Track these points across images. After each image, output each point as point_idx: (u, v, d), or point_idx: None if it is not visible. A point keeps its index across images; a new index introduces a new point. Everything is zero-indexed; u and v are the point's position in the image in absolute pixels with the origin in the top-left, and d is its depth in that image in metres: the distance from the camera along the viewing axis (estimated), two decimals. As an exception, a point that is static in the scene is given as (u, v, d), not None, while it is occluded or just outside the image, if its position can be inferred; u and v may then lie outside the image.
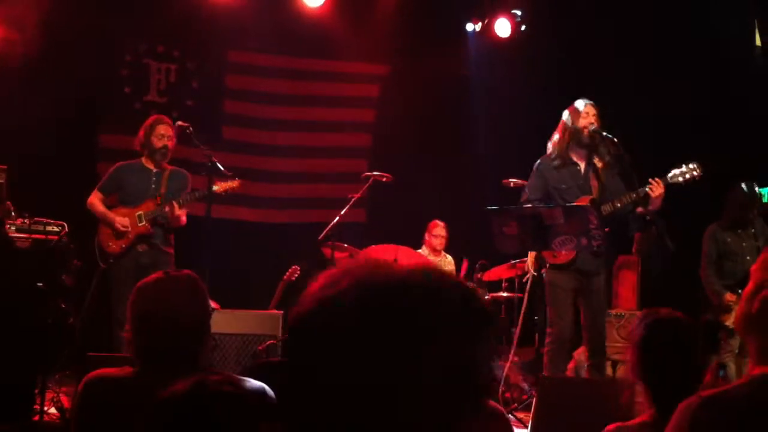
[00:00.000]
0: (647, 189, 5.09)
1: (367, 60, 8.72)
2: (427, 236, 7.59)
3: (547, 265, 5.26)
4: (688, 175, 5.20)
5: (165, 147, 5.83)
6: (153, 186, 5.83)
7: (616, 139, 5.17)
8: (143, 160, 5.91)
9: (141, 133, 5.90)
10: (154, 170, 5.88)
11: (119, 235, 5.73)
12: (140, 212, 5.77)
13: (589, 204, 5.14)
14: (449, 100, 8.61)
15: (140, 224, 5.75)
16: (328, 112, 8.81)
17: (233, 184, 5.88)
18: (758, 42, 7.97)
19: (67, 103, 7.09)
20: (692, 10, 7.81)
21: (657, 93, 7.82)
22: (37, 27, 6.65)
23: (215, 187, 5.77)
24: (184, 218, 5.80)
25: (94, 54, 7.45)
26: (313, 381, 0.97)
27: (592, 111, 5.32)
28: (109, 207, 5.85)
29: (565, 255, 5.18)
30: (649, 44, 7.99)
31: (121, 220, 5.74)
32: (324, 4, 7.99)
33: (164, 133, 5.84)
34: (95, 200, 5.88)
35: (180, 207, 5.73)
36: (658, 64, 8.01)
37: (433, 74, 8.37)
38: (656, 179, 5.11)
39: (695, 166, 5.23)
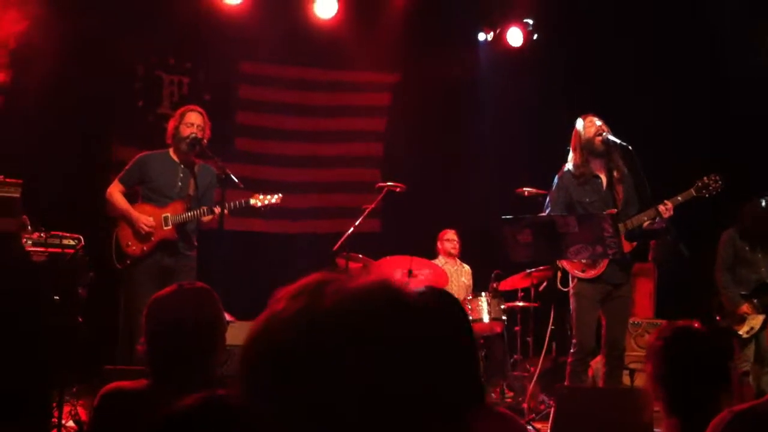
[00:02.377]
0: (658, 208, 5.06)
1: (378, 69, 8.72)
2: (439, 244, 7.57)
3: (576, 279, 5.25)
4: (710, 188, 5.17)
5: (193, 136, 5.31)
6: (180, 183, 5.40)
7: (630, 147, 5.14)
8: (170, 151, 5.47)
9: (171, 124, 5.47)
10: (182, 165, 5.42)
11: (142, 236, 5.28)
12: (167, 214, 5.32)
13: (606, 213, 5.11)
14: (461, 109, 8.60)
15: (166, 227, 5.30)
16: (339, 121, 8.82)
17: (274, 199, 5.54)
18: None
19: (80, 117, 7.13)
20: (693, 11, 7.78)
21: (667, 100, 7.80)
22: (51, 43, 6.69)
23: (253, 201, 5.48)
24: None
25: (107, 68, 7.48)
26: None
27: (597, 119, 5.31)
28: (132, 203, 5.40)
29: (593, 271, 5.18)
30: (653, 51, 7.97)
31: (145, 219, 5.28)
32: (335, 13, 8.01)
33: (193, 122, 5.39)
34: (115, 191, 5.39)
35: (230, 214, 5.28)
36: (662, 69, 7.98)
37: (445, 83, 8.37)
38: (668, 202, 5.09)
39: (715, 178, 5.18)
